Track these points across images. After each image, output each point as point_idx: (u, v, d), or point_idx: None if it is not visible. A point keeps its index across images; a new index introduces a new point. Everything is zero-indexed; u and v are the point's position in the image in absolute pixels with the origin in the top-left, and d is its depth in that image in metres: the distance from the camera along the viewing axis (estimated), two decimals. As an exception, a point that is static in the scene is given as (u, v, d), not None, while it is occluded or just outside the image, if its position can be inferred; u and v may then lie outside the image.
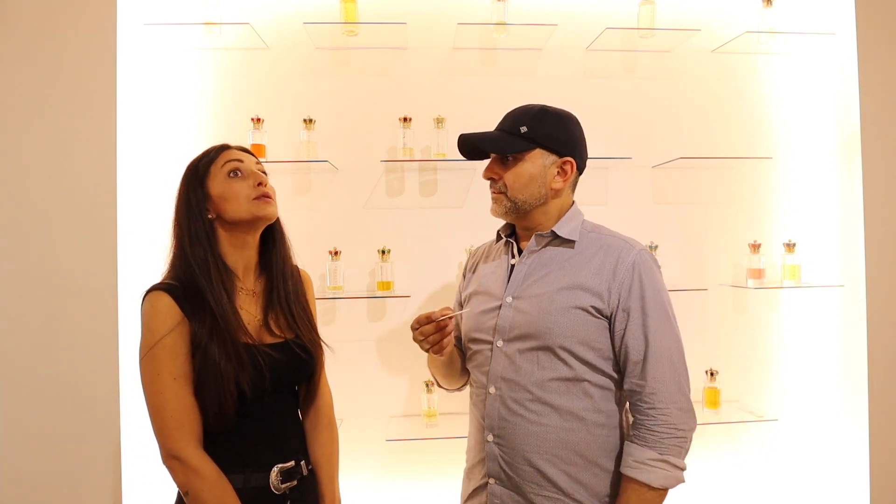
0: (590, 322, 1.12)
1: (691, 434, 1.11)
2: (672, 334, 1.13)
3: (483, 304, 1.25)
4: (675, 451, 1.08)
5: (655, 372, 1.10)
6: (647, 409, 1.10)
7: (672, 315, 1.15)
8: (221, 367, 1.03)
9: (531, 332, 1.14)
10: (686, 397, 1.11)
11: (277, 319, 1.18)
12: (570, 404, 1.13)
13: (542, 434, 1.13)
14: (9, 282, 1.77)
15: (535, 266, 1.20)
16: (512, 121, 1.19)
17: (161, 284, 1.08)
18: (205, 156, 1.17)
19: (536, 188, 1.17)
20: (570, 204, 1.24)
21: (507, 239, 1.28)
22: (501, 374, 1.17)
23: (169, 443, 1.02)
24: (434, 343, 1.17)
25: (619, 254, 1.15)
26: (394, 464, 2.06)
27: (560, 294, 1.14)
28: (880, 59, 2.00)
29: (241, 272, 1.17)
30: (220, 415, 1.04)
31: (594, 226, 1.24)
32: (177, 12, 1.95)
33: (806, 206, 2.17)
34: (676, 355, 1.12)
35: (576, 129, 1.21)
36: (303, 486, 1.17)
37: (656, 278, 1.15)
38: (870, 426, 1.99)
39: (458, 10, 2.03)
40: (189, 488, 1.03)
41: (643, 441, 1.09)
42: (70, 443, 1.78)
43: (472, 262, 1.40)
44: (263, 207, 1.13)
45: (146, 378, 1.04)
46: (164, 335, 1.03)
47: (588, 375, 1.13)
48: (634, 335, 1.11)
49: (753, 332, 2.16)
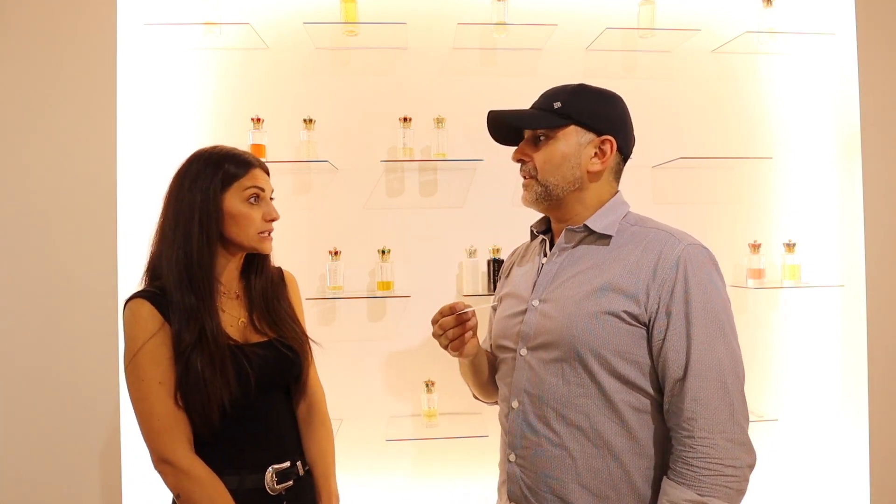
0: (623, 330, 0.95)
1: (746, 473, 0.89)
2: (725, 348, 0.93)
3: (510, 308, 1.12)
4: (720, 493, 0.87)
5: (698, 392, 0.90)
6: (684, 438, 0.90)
7: (728, 325, 0.95)
8: (206, 377, 1.03)
9: (555, 339, 0.99)
10: (740, 427, 0.90)
11: (261, 319, 1.18)
12: (601, 427, 0.96)
13: (568, 460, 0.97)
14: (9, 282, 1.77)
15: (565, 265, 1.05)
16: (547, 98, 1.07)
17: (141, 292, 1.09)
18: (233, 161, 1.12)
19: (569, 170, 1.03)
20: (612, 193, 1.09)
21: (541, 236, 1.15)
22: (524, 388, 1.03)
23: (158, 447, 1.03)
24: (453, 339, 1.06)
25: (662, 249, 0.97)
26: (394, 464, 2.06)
27: (590, 297, 0.98)
28: (880, 59, 2.00)
29: (225, 276, 1.17)
30: (205, 420, 1.05)
31: (639, 218, 1.07)
32: (177, 12, 1.95)
33: (806, 206, 2.17)
34: (730, 375, 0.92)
35: (618, 107, 1.08)
36: (299, 487, 1.16)
37: (708, 279, 0.95)
38: (870, 426, 1.99)
39: (458, 10, 2.03)
40: (181, 491, 1.03)
41: (680, 477, 0.90)
42: (70, 443, 1.78)
43: (507, 265, 1.26)
44: (265, 245, 1.16)
45: (131, 385, 1.04)
46: (146, 341, 1.03)
47: (622, 394, 0.96)
48: (675, 346, 0.92)
49: (753, 332, 2.16)
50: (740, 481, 0.89)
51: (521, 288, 1.12)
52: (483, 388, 1.24)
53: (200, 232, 1.08)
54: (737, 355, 0.95)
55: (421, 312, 2.06)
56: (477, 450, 1.97)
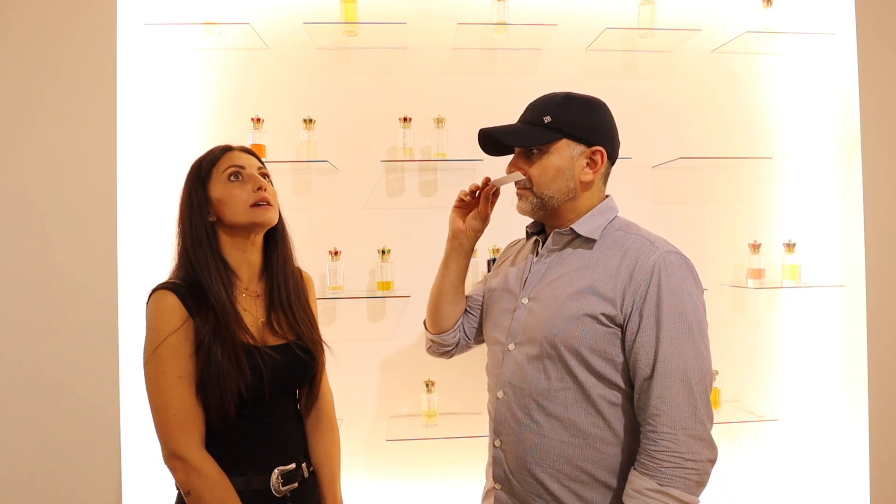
0: (599, 331, 1.02)
1: (706, 467, 0.96)
2: (692, 350, 0.98)
3: (503, 303, 1.19)
4: (679, 484, 0.94)
5: (662, 390, 0.97)
6: (649, 432, 0.97)
7: (698, 329, 1.00)
8: (224, 367, 1.03)
9: (538, 337, 1.06)
10: (701, 424, 0.96)
11: (279, 321, 1.18)
12: (578, 418, 1.04)
13: (546, 447, 1.05)
14: (9, 282, 1.77)
15: (552, 266, 1.12)
16: (535, 111, 1.11)
17: (166, 283, 1.08)
18: (207, 156, 1.17)
19: (564, 182, 1.08)
20: (601, 199, 1.14)
21: (535, 237, 1.21)
22: (509, 380, 1.11)
23: (171, 442, 1.02)
24: (471, 196, 1.21)
25: (640, 255, 1.03)
26: (394, 464, 2.06)
27: (572, 299, 1.05)
28: (880, 59, 2.00)
29: (245, 274, 1.17)
30: (222, 413, 1.05)
31: (624, 223, 1.13)
32: (177, 12, 1.95)
33: (806, 206, 2.17)
34: (695, 375, 0.97)
35: (605, 116, 1.11)
36: (304, 489, 1.17)
37: (680, 284, 1.01)
38: (870, 426, 1.99)
39: (458, 10, 2.03)
40: (190, 488, 1.03)
41: (643, 468, 0.97)
42: (70, 443, 1.77)
43: (504, 256, 1.33)
44: (260, 214, 1.13)
45: (150, 377, 1.04)
46: (170, 334, 1.03)
47: (598, 388, 1.03)
48: (644, 346, 0.99)
49: (753, 332, 2.16)
50: (700, 474, 0.96)
51: (513, 285, 1.19)
52: (441, 312, 1.29)
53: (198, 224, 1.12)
54: (703, 357, 1.00)
55: (421, 312, 2.04)
56: (477, 450, 1.96)
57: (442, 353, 1.36)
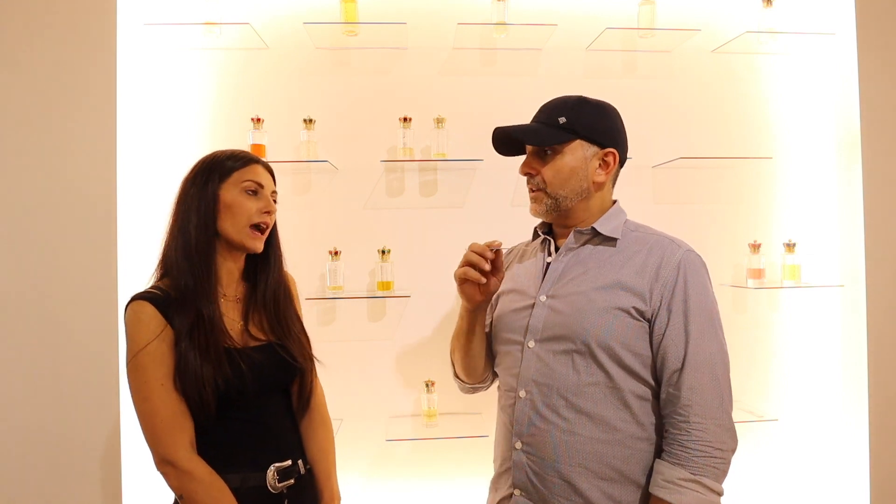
0: (630, 325, 1.04)
1: (730, 456, 1.01)
2: (717, 343, 1.04)
3: (515, 303, 1.18)
4: (710, 473, 0.98)
5: (693, 381, 1.00)
6: (680, 423, 1.00)
7: (718, 324, 1.06)
8: (200, 365, 1.04)
9: (566, 332, 1.07)
10: (727, 414, 1.02)
11: (260, 323, 1.19)
12: (608, 413, 1.04)
13: (575, 444, 1.04)
14: (8, 282, 1.77)
15: (572, 264, 1.13)
16: (549, 112, 1.13)
17: (143, 294, 1.09)
18: (233, 157, 1.16)
19: (577, 182, 1.11)
20: (611, 199, 1.18)
21: (544, 236, 1.21)
22: (533, 378, 1.09)
23: (161, 448, 1.03)
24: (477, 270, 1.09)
25: (664, 253, 1.07)
26: (394, 464, 2.06)
27: (599, 293, 1.06)
28: (880, 59, 2.00)
29: (225, 278, 1.18)
30: (202, 408, 1.05)
31: (638, 225, 1.17)
32: (177, 12, 1.94)
33: (806, 206, 2.17)
34: (720, 367, 1.03)
35: (616, 119, 1.15)
36: (300, 485, 1.17)
37: (703, 281, 1.07)
38: (870, 426, 1.99)
39: (458, 10, 2.03)
40: (183, 492, 1.03)
41: (675, 458, 0.99)
42: (70, 443, 1.77)
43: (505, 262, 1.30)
44: (251, 240, 1.15)
45: (134, 386, 1.05)
46: (149, 342, 1.04)
47: (628, 383, 1.05)
48: (674, 339, 1.03)
49: (753, 332, 2.16)
50: (725, 463, 1.01)
51: (524, 284, 1.19)
52: (471, 368, 1.27)
53: (199, 221, 1.11)
54: (724, 349, 1.06)
55: (421, 312, 2.07)
56: (477, 450, 1.96)
57: (481, 391, 1.37)
